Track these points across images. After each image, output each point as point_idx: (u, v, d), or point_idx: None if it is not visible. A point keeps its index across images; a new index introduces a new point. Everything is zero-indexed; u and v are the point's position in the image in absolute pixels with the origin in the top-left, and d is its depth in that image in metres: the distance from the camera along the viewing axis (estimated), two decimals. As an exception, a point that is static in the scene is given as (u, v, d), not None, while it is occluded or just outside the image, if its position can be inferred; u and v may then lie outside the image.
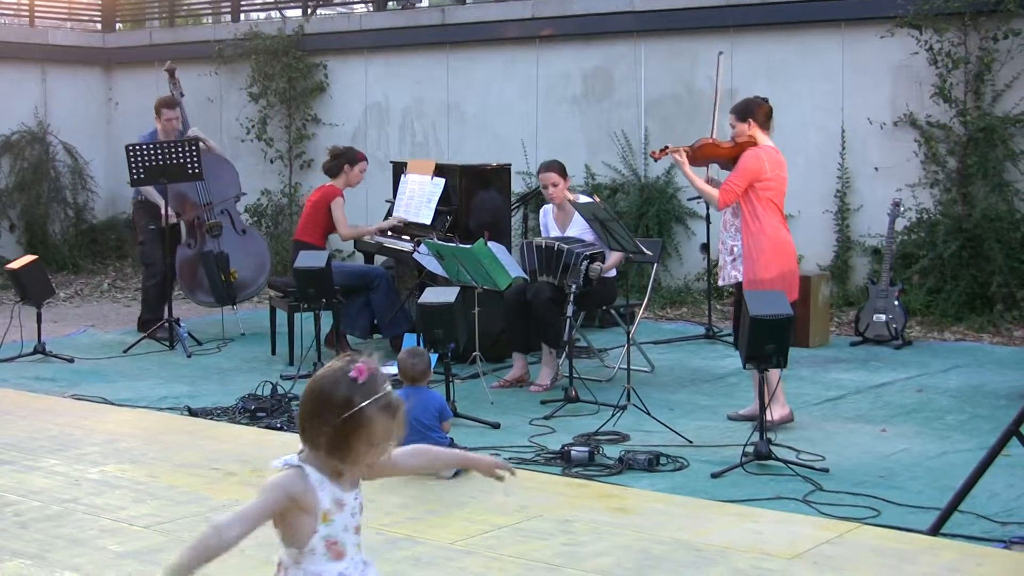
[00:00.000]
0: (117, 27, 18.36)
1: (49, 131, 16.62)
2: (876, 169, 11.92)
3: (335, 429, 2.98)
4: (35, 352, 10.40)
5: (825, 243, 12.11)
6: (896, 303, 10.60)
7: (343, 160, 10.67)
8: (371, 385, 3.00)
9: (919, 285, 11.44)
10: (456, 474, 6.68)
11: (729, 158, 7.99)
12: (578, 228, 9.11)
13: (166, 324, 11.02)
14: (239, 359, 10.58)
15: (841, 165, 12.09)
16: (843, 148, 12.09)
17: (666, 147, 8.02)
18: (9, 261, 11.85)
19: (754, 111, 7.95)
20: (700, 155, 8.04)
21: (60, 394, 9.12)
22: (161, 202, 11.18)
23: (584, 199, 9.03)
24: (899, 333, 10.54)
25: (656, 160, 8.19)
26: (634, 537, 5.64)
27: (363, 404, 2.97)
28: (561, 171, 9.29)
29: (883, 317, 10.61)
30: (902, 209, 11.01)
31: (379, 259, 11.36)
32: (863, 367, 9.83)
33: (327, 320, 10.19)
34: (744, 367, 7.09)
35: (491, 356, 9.77)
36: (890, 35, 11.54)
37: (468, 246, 8.77)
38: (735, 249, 7.95)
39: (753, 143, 7.89)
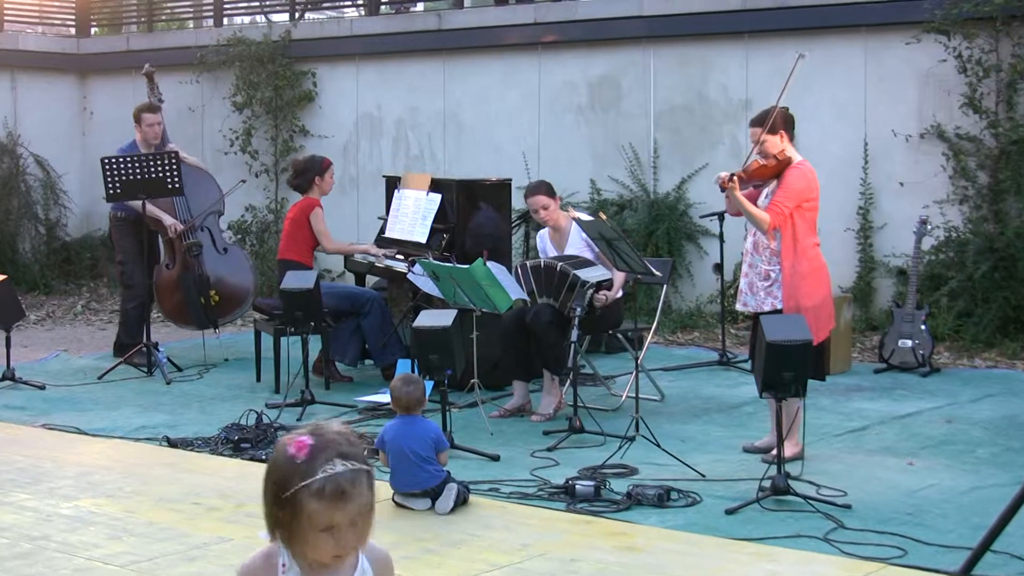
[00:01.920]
0: (92, 32, 18.38)
1: (19, 143, 16.60)
2: (901, 184, 11.90)
3: (272, 512, 2.76)
4: (3, 379, 10.37)
5: (847, 263, 12.09)
6: (923, 327, 10.57)
7: (312, 173, 10.64)
8: (309, 465, 2.70)
9: (947, 308, 11.41)
10: (453, 509, 6.67)
11: (771, 177, 7.88)
12: (576, 247, 9.11)
13: (144, 349, 10.99)
14: (222, 386, 10.55)
15: (864, 180, 12.08)
16: (866, 162, 12.08)
17: (733, 175, 7.75)
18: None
19: (784, 121, 7.88)
20: (752, 178, 7.88)
21: (30, 424, 9.10)
22: (160, 215, 11.25)
23: (586, 217, 9.01)
24: (926, 360, 10.51)
25: (724, 190, 7.92)
26: (644, 578, 5.62)
27: (295, 488, 2.69)
28: (549, 192, 9.28)
29: (909, 343, 10.58)
30: (929, 227, 10.97)
31: (371, 280, 11.35)
32: (887, 396, 9.80)
33: (316, 345, 10.18)
34: (760, 396, 7.06)
35: (490, 383, 9.75)
36: (916, 41, 11.55)
37: (466, 266, 8.76)
38: (771, 274, 7.83)
39: (790, 159, 7.83)
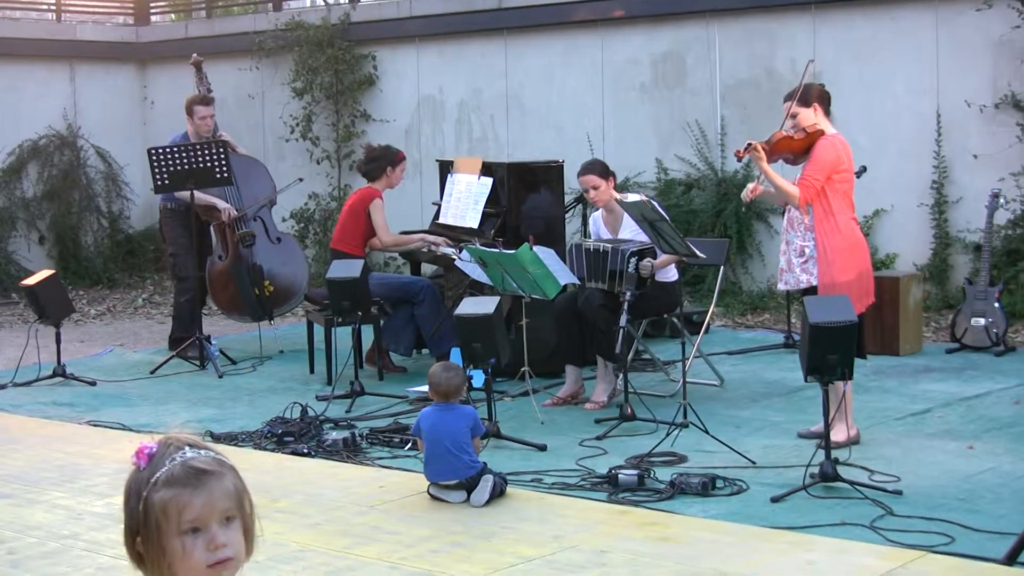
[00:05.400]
0: (153, 20, 18.58)
1: (80, 134, 16.85)
2: (975, 156, 11.77)
3: (130, 545, 2.54)
4: (54, 375, 10.52)
5: (921, 240, 12.00)
6: (996, 305, 10.45)
7: (384, 162, 10.73)
8: (154, 464, 2.52)
9: (1024, 285, 11.30)
10: (489, 501, 6.73)
11: (801, 151, 7.94)
12: (630, 231, 9.10)
13: (196, 342, 11.13)
14: (274, 379, 10.66)
15: (937, 153, 11.97)
16: (939, 134, 11.96)
17: (749, 144, 7.85)
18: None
19: (817, 95, 7.96)
20: (776, 150, 7.93)
21: (76, 420, 9.24)
22: (214, 200, 11.40)
23: (633, 197, 9.01)
24: (1000, 338, 10.40)
25: (740, 160, 8.06)
26: (673, 569, 5.64)
27: (144, 493, 2.49)
28: (602, 171, 9.28)
29: (982, 321, 10.47)
30: (1003, 200, 10.83)
31: (428, 268, 11.42)
32: (956, 377, 9.72)
33: (369, 334, 10.26)
34: (805, 380, 7.05)
35: (546, 371, 9.79)
36: (988, 7, 11.41)
37: (511, 251, 8.80)
38: (806, 250, 7.87)
39: (821, 131, 7.88)
